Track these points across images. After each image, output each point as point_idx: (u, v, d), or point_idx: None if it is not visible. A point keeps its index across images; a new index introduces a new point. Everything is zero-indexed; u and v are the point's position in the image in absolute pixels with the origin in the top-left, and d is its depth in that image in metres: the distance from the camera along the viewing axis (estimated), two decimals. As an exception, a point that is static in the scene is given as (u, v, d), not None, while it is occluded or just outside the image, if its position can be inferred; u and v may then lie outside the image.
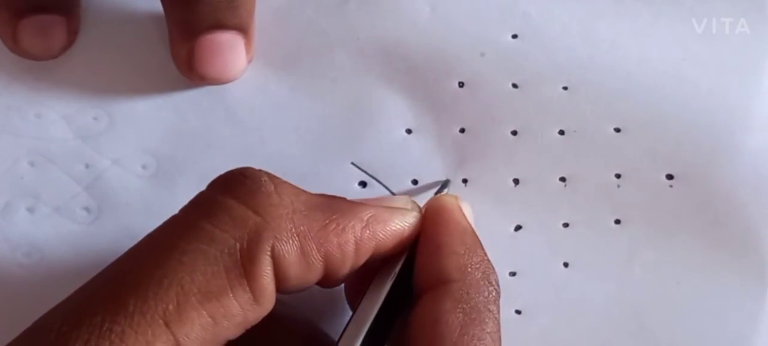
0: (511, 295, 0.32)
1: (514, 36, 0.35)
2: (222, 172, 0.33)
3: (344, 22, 0.35)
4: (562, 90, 0.34)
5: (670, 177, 0.33)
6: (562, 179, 0.33)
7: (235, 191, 0.26)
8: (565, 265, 0.33)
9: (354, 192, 0.33)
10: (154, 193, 0.33)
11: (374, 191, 0.33)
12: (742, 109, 0.34)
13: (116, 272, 0.24)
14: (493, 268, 0.28)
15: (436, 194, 0.32)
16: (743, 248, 0.32)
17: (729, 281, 0.32)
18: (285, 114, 0.34)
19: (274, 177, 0.26)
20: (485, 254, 0.28)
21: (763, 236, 0.32)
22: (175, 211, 0.33)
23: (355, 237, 0.26)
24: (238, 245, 0.24)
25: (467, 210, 0.30)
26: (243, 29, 0.33)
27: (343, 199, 0.27)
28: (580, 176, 0.33)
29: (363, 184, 0.33)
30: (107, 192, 0.33)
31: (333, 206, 0.27)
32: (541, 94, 0.34)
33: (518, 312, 0.32)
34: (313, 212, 0.26)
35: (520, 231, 0.33)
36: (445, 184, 0.33)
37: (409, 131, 0.34)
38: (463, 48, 0.34)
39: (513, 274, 0.33)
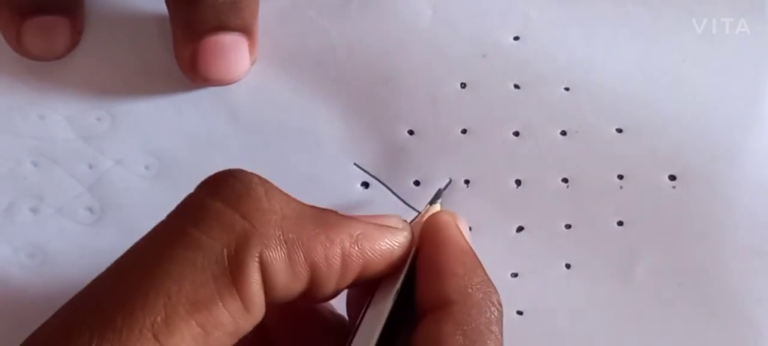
0: (512, 296, 0.32)
1: (516, 37, 0.35)
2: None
3: (346, 23, 0.35)
4: (564, 91, 0.34)
5: (672, 178, 0.33)
6: (564, 180, 0.33)
7: (223, 193, 0.25)
8: (567, 266, 0.33)
9: (357, 193, 0.33)
10: (157, 193, 0.33)
11: (377, 191, 0.33)
12: (742, 109, 0.34)
13: (103, 286, 0.24)
14: (495, 287, 0.27)
15: (430, 203, 0.32)
16: (745, 249, 0.32)
17: (731, 282, 0.32)
18: (287, 115, 0.34)
19: (265, 181, 0.26)
20: (485, 274, 0.28)
21: (765, 237, 0.32)
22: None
23: (342, 251, 0.26)
24: (225, 251, 0.24)
25: (464, 227, 0.29)
26: (246, 31, 0.33)
27: (334, 212, 0.27)
28: (582, 177, 0.33)
29: (365, 185, 0.33)
30: (110, 192, 0.33)
31: (323, 217, 0.26)
32: (543, 95, 0.34)
33: (520, 313, 0.32)
34: (302, 220, 0.25)
35: (522, 232, 0.33)
36: (437, 194, 0.32)
37: (411, 132, 0.34)
38: (465, 49, 0.34)
39: (514, 275, 0.33)
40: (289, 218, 0.25)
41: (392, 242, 0.27)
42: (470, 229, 0.33)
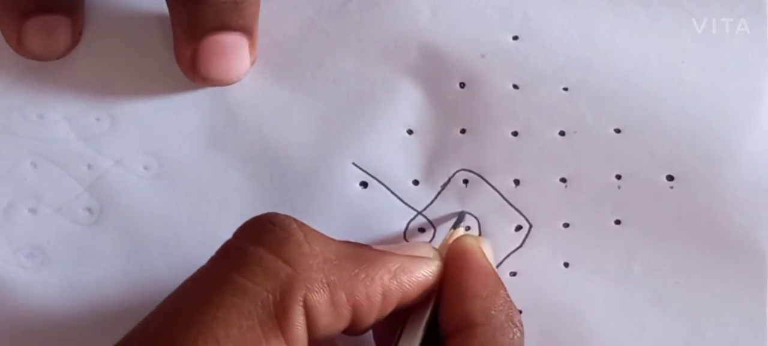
0: (511, 295, 0.32)
1: (515, 37, 0.35)
2: (223, 173, 0.33)
3: (345, 23, 0.35)
4: (563, 91, 0.34)
5: (670, 178, 0.33)
6: (563, 180, 0.33)
7: (264, 239, 0.26)
8: (566, 265, 0.33)
9: (355, 192, 0.33)
10: (156, 193, 0.33)
11: (375, 191, 0.33)
12: (741, 109, 0.34)
13: (150, 332, 0.25)
14: (516, 308, 0.29)
15: (453, 228, 0.32)
16: (742, 249, 0.32)
17: (728, 281, 0.32)
18: (286, 115, 0.34)
19: (303, 225, 0.27)
20: (507, 295, 0.29)
21: (762, 237, 0.32)
22: (177, 212, 0.33)
23: (383, 287, 0.27)
24: (271, 296, 0.25)
25: (488, 250, 0.30)
26: (247, 31, 0.33)
27: (370, 248, 0.28)
28: (580, 177, 0.33)
29: (364, 184, 0.33)
30: (109, 193, 0.33)
31: (361, 255, 0.27)
32: (542, 95, 0.34)
33: (519, 312, 0.32)
34: (342, 261, 0.26)
35: (520, 231, 0.33)
36: (460, 217, 0.33)
37: (410, 132, 0.34)
38: (464, 49, 0.34)
39: (513, 274, 0.33)
40: (330, 261, 0.26)
41: (427, 273, 0.28)
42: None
